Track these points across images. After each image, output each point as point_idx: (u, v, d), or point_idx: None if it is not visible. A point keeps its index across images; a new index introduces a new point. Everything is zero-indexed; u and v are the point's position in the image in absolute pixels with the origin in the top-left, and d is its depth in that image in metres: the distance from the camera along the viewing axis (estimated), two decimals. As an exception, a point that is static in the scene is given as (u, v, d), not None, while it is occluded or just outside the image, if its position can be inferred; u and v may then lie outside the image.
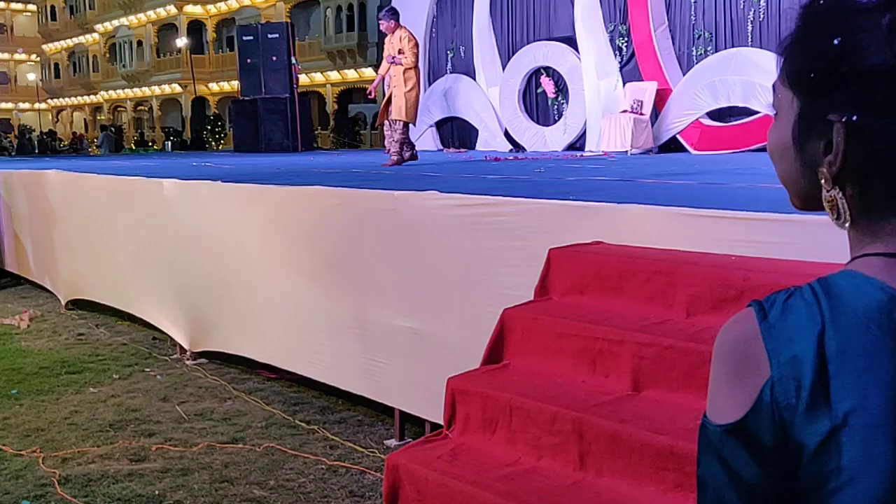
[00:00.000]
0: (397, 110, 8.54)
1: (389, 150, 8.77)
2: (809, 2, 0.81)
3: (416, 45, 8.68)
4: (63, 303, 8.43)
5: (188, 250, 6.30)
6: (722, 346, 0.78)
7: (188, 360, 6.36)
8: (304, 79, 27.28)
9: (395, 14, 8.77)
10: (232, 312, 5.95)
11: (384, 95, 9.06)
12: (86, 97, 45.43)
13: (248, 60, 15.73)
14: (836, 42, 0.76)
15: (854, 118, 0.75)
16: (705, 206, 3.48)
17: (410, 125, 8.77)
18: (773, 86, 0.85)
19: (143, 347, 6.85)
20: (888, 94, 0.73)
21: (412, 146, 8.91)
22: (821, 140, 0.78)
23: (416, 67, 8.62)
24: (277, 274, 5.39)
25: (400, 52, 8.49)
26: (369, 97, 9.52)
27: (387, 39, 8.84)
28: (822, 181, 0.79)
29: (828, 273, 0.78)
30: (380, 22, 8.92)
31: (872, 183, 0.76)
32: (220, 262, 5.97)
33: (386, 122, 8.79)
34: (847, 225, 0.79)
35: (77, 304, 8.36)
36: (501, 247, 3.92)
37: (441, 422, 3.16)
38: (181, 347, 6.48)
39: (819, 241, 2.83)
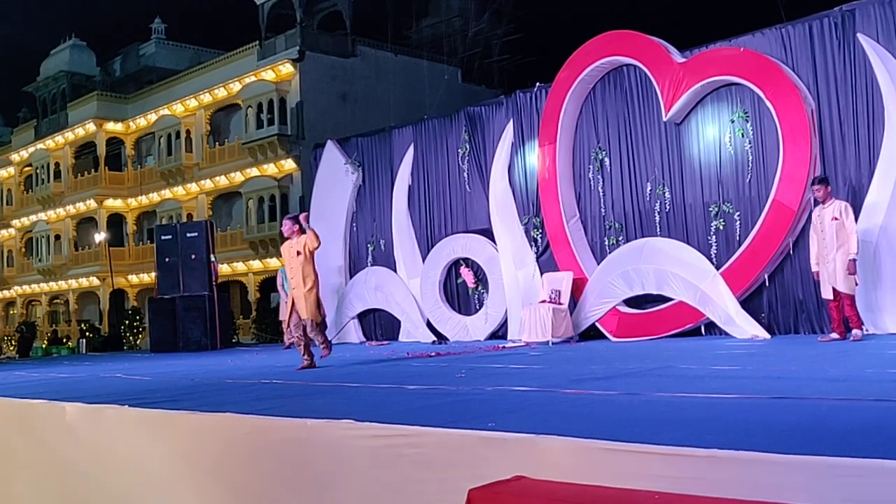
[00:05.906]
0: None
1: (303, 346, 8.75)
2: None
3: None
4: (-48, 536, 7.74)
5: (91, 478, 5.89)
6: None
7: None
8: (225, 268, 27.21)
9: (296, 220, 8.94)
10: (136, 548, 5.50)
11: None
12: (-2, 292, 44.23)
13: (167, 259, 15.60)
14: None
15: None
16: (627, 426, 3.55)
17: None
18: None
19: (37, 588, 6.25)
20: None
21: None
22: None
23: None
24: (185, 506, 5.04)
25: (298, 253, 8.65)
26: None
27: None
28: None
29: None
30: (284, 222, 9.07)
31: None
32: (124, 491, 5.58)
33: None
34: None
35: (-32, 537, 7.68)
36: (420, 479, 3.77)
37: None
38: (80, 588, 5.92)
39: (740, 477, 2.82)
